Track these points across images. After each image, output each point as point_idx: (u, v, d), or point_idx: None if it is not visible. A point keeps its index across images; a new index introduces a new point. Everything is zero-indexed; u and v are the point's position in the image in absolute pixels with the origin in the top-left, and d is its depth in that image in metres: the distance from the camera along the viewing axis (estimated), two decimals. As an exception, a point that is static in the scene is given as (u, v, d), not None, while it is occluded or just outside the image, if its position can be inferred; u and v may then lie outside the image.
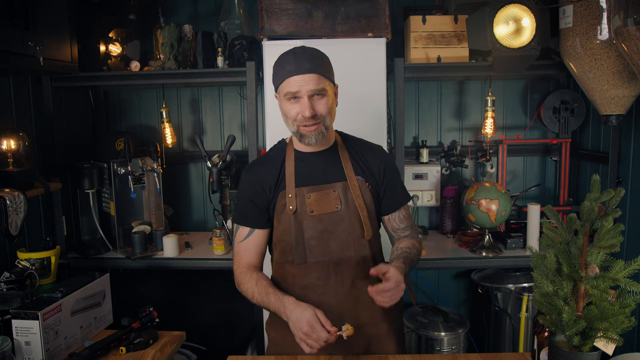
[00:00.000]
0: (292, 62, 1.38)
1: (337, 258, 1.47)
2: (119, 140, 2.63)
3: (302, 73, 1.37)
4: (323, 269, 1.47)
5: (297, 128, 1.43)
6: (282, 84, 1.40)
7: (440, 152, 2.85)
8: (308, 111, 1.38)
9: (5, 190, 1.91)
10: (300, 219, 1.47)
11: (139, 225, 2.59)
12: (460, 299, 3.07)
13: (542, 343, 1.28)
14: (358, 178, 1.51)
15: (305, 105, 1.38)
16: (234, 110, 2.99)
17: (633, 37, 1.68)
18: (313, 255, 1.47)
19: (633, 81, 2.03)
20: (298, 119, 1.41)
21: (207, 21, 2.89)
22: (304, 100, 1.38)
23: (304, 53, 1.40)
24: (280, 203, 1.48)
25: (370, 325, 1.51)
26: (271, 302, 1.41)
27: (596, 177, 1.13)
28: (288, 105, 1.41)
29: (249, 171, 1.56)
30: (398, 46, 2.66)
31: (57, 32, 2.19)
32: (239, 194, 1.56)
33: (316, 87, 1.38)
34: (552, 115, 2.69)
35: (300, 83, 1.37)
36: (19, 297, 1.69)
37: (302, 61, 1.38)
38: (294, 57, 1.39)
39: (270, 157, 1.56)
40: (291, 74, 1.37)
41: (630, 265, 1.09)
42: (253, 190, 1.51)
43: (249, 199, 1.51)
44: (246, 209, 1.52)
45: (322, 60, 1.42)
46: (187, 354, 2.48)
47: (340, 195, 1.48)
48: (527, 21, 2.16)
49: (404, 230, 1.58)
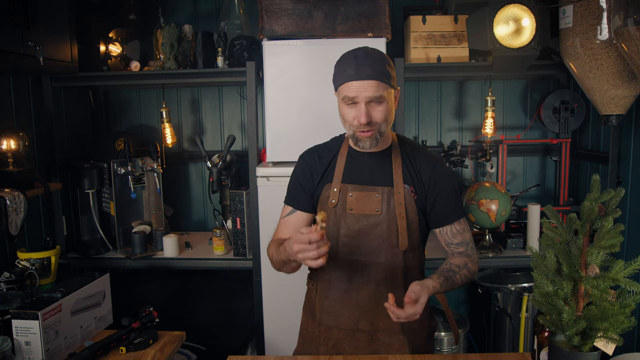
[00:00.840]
0: (353, 66, 1.37)
1: (366, 260, 1.47)
2: (119, 140, 2.62)
3: (362, 79, 1.36)
4: (350, 267, 1.48)
5: (353, 132, 1.43)
6: (341, 86, 1.41)
7: (440, 152, 2.85)
8: (364, 118, 1.37)
9: (5, 190, 1.91)
10: (339, 214, 1.48)
11: (139, 225, 2.59)
12: (460, 299, 3.07)
13: (542, 343, 1.28)
14: (405, 187, 1.48)
15: (362, 111, 1.37)
16: (234, 110, 2.99)
17: (633, 37, 1.68)
18: (343, 252, 1.48)
19: (633, 81, 2.03)
20: (354, 124, 1.41)
21: (207, 21, 2.89)
22: (361, 106, 1.38)
23: (366, 57, 1.38)
24: (325, 195, 1.51)
25: (385, 333, 1.49)
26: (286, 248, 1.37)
27: (596, 177, 1.13)
28: (345, 109, 1.41)
29: (304, 156, 1.60)
30: (398, 46, 2.66)
31: (57, 32, 2.19)
32: (292, 176, 1.60)
33: (374, 94, 1.37)
34: (552, 115, 2.69)
35: (359, 89, 1.36)
36: (19, 297, 1.69)
37: (363, 66, 1.36)
38: (355, 61, 1.38)
39: (327, 147, 1.59)
40: (351, 78, 1.37)
41: (630, 265, 1.09)
42: (303, 174, 1.56)
43: (298, 181, 1.56)
44: (294, 189, 1.57)
45: (384, 66, 1.40)
46: (187, 354, 2.48)
47: (383, 199, 1.46)
48: (527, 21, 2.16)
49: (457, 246, 1.52)
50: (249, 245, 2.42)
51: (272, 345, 2.33)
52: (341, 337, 1.49)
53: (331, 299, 1.50)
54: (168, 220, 2.81)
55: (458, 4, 2.41)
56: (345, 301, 1.48)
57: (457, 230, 1.52)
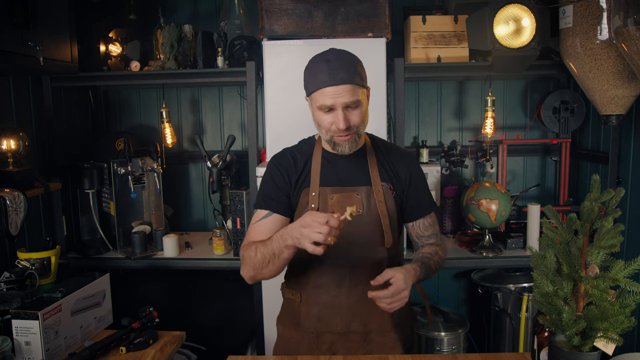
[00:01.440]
0: (326, 71, 1.32)
1: (353, 262, 1.46)
2: (119, 140, 2.63)
3: (337, 84, 1.32)
4: (338, 271, 1.46)
5: (330, 136, 1.40)
6: (314, 93, 1.36)
7: (440, 152, 2.85)
8: (343, 124, 1.34)
9: (5, 190, 1.91)
10: None
11: (139, 225, 2.59)
12: (460, 299, 3.07)
13: (542, 343, 1.28)
14: (383, 184, 1.48)
15: (340, 118, 1.34)
16: (234, 110, 2.99)
17: (633, 37, 1.68)
18: (329, 257, 1.45)
19: (633, 81, 2.03)
20: (332, 129, 1.38)
21: (207, 21, 2.89)
22: (339, 112, 1.34)
23: (338, 61, 1.34)
24: (303, 200, 1.47)
25: (379, 333, 1.49)
26: (273, 239, 1.33)
27: (596, 177, 1.13)
28: (321, 115, 1.38)
29: (277, 159, 1.53)
30: (398, 46, 2.66)
31: (57, 32, 2.19)
32: (263, 180, 1.53)
33: (351, 99, 1.33)
34: (552, 115, 2.69)
35: (335, 95, 1.32)
36: (19, 297, 1.69)
37: (336, 70, 1.32)
38: (327, 66, 1.33)
39: (299, 150, 1.54)
40: (325, 84, 1.32)
41: (630, 265, 1.09)
42: (279, 176, 1.49)
43: (274, 183, 1.49)
44: (270, 192, 1.48)
45: (356, 66, 1.36)
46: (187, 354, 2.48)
47: (363, 199, 1.45)
48: (527, 21, 2.16)
49: (428, 238, 1.55)
50: (249, 245, 2.41)
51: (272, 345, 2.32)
52: (334, 341, 1.49)
53: (320, 306, 1.48)
54: (168, 220, 2.81)
55: (458, 4, 2.41)
56: (335, 306, 1.47)
57: (428, 223, 1.54)
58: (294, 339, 1.54)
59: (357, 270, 1.46)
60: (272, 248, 1.33)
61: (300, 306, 1.51)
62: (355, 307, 1.47)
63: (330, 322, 1.48)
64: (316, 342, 1.50)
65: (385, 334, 1.50)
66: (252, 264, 1.39)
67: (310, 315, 1.50)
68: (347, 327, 1.47)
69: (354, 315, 1.47)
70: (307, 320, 1.50)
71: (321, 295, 1.48)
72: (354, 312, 1.47)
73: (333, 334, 1.48)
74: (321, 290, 1.48)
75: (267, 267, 1.37)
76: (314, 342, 1.50)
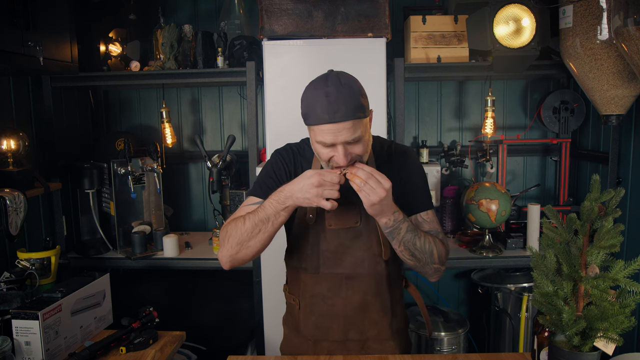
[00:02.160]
0: (325, 106, 1.22)
1: (350, 272, 1.45)
2: (119, 140, 2.63)
3: (337, 121, 1.22)
4: (335, 281, 1.45)
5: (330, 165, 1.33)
6: (313, 127, 1.28)
7: (440, 152, 2.85)
8: (343, 160, 1.27)
9: (5, 190, 1.91)
10: (318, 230, 1.44)
11: (139, 225, 2.59)
12: (460, 299, 3.07)
13: (542, 343, 1.28)
14: None
15: (341, 154, 1.26)
16: (234, 110, 2.99)
17: (633, 37, 1.67)
18: (326, 267, 1.44)
19: (633, 81, 2.03)
20: (331, 163, 1.31)
21: (207, 21, 2.89)
22: (339, 148, 1.26)
23: (338, 94, 1.22)
24: (301, 211, 1.43)
25: (377, 341, 1.49)
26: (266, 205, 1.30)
27: (596, 177, 1.13)
28: (320, 148, 1.30)
29: (280, 153, 1.48)
30: (398, 46, 2.65)
31: (57, 32, 2.19)
32: (263, 169, 1.47)
33: (352, 136, 1.25)
34: (552, 115, 2.69)
35: (334, 132, 1.24)
36: (19, 297, 1.69)
37: (336, 105, 1.21)
38: (327, 101, 1.22)
39: (301, 151, 1.49)
40: (324, 121, 1.23)
41: (630, 265, 1.09)
42: (281, 169, 1.44)
43: (274, 173, 1.44)
44: (268, 181, 1.43)
45: (358, 99, 1.25)
46: (187, 354, 2.48)
47: (360, 210, 1.40)
48: (527, 21, 2.16)
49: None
50: (249, 245, 2.41)
51: (272, 345, 2.33)
52: (332, 349, 1.48)
53: (317, 314, 1.48)
54: (168, 220, 2.81)
55: (458, 4, 2.41)
56: (332, 315, 1.46)
57: (424, 219, 1.46)
58: (295, 343, 1.54)
59: (354, 280, 1.45)
60: (265, 213, 1.30)
61: (300, 313, 1.51)
62: (353, 316, 1.46)
63: (328, 330, 1.48)
64: (314, 349, 1.49)
65: (383, 342, 1.49)
66: (237, 237, 1.34)
67: (308, 323, 1.49)
68: (344, 335, 1.47)
69: (351, 324, 1.46)
70: (305, 327, 1.50)
71: (318, 303, 1.47)
72: (351, 321, 1.46)
73: (330, 342, 1.48)
74: (318, 299, 1.47)
75: (256, 237, 1.32)
76: (311, 349, 1.50)
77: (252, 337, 2.65)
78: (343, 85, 1.25)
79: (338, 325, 1.47)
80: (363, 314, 1.47)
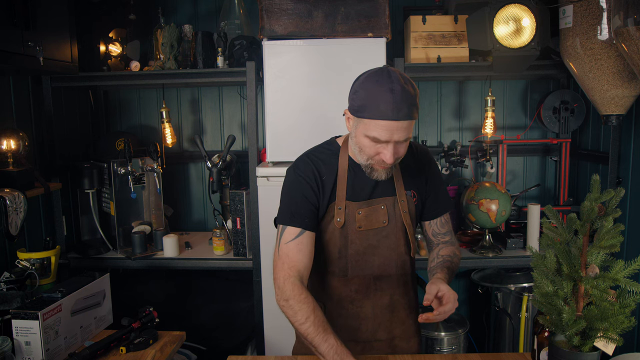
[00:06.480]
0: (390, 102, 1.21)
1: (378, 273, 1.45)
2: (119, 140, 2.63)
3: (399, 119, 1.22)
4: (363, 283, 1.45)
5: (369, 163, 1.33)
6: (369, 120, 1.25)
7: (440, 152, 2.85)
8: (391, 159, 1.27)
9: (5, 190, 1.91)
10: (347, 232, 1.42)
11: (139, 225, 2.59)
12: (460, 299, 3.06)
13: (542, 343, 1.28)
14: (407, 193, 1.44)
15: (390, 152, 1.27)
16: (234, 110, 2.99)
17: (633, 37, 1.67)
18: (354, 269, 1.44)
19: (633, 81, 2.03)
20: (375, 159, 1.31)
21: (207, 21, 2.89)
22: (389, 146, 1.26)
23: (403, 93, 1.22)
24: (329, 214, 1.41)
25: (402, 339, 1.50)
26: (325, 352, 1.26)
27: (596, 177, 1.13)
28: (367, 142, 1.28)
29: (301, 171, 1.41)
30: (398, 46, 2.66)
31: (57, 32, 2.19)
32: (289, 192, 1.41)
33: (405, 136, 1.26)
34: (552, 115, 2.69)
35: (393, 130, 1.24)
36: (19, 297, 1.69)
37: (401, 104, 1.22)
38: (392, 97, 1.21)
39: (321, 159, 1.43)
40: (387, 117, 1.22)
41: (630, 265, 1.09)
42: (310, 191, 1.38)
43: (304, 197, 1.38)
44: (300, 208, 1.37)
45: (416, 99, 1.26)
46: (187, 354, 2.48)
47: (388, 210, 1.42)
48: (527, 21, 2.16)
49: (444, 236, 1.53)
50: (249, 245, 2.42)
51: (272, 345, 2.33)
52: (358, 350, 1.46)
53: (345, 317, 1.47)
54: (168, 220, 2.81)
55: (458, 4, 2.41)
56: (361, 316, 1.46)
57: (445, 220, 1.53)
58: None
59: (382, 281, 1.46)
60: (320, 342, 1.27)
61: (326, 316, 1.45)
62: (381, 316, 1.47)
63: (356, 332, 1.47)
64: None
65: (409, 340, 1.51)
66: (293, 322, 1.32)
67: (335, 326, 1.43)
68: (372, 336, 1.47)
69: (379, 324, 1.47)
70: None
71: (346, 306, 1.46)
72: (379, 322, 1.47)
73: (357, 342, 1.47)
74: (347, 302, 1.46)
75: (303, 339, 1.32)
76: None
77: (252, 337, 2.65)
78: (406, 84, 1.25)
79: (366, 327, 1.46)
80: (391, 314, 1.47)
